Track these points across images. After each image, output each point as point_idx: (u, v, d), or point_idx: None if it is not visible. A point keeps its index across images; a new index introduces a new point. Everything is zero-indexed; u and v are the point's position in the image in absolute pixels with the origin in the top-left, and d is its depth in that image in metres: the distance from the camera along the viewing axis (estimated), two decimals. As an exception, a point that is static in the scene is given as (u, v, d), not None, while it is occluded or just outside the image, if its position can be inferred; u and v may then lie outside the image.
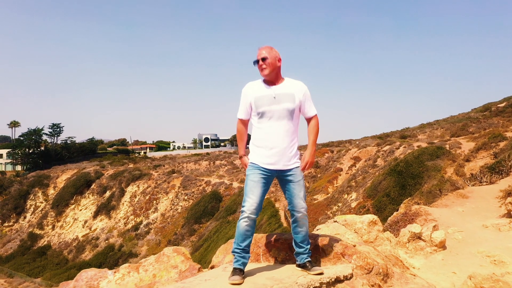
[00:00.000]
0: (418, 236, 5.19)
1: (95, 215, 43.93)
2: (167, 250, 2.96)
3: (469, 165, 15.19)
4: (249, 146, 3.07)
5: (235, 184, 38.08)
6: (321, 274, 2.66)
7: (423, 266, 4.65)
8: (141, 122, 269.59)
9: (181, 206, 39.19)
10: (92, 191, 47.45)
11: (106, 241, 39.19)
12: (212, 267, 3.13)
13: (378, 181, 21.72)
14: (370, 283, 2.56)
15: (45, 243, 43.66)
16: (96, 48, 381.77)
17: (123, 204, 43.85)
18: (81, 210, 46.22)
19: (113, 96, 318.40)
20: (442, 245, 5.14)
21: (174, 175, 45.35)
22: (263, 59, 2.87)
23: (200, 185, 40.56)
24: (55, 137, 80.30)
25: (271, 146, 2.83)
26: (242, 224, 2.76)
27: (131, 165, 57.44)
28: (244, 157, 3.04)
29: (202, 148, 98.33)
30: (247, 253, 2.79)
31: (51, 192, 52.01)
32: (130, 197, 44.13)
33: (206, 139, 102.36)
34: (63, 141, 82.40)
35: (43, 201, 50.72)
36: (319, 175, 33.68)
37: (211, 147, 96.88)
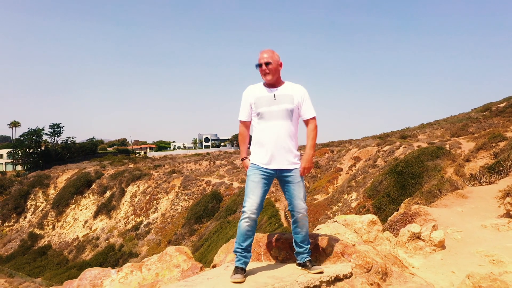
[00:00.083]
0: (418, 236, 5.22)
1: (96, 215, 43.92)
2: (170, 250, 3.01)
3: (469, 165, 15.17)
4: (250, 148, 3.10)
5: (235, 184, 38.07)
6: (321, 273, 2.71)
7: (422, 266, 4.68)
8: (141, 122, 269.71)
9: (181, 206, 39.20)
10: (93, 191, 47.45)
11: (107, 241, 39.18)
12: (214, 266, 3.18)
13: (378, 181, 21.74)
14: (369, 282, 2.60)
15: (45, 243, 43.65)
16: (96, 48, 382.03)
17: (123, 204, 43.84)
18: (81, 210, 46.21)
19: (113, 96, 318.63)
20: (441, 244, 5.17)
21: (174, 175, 45.35)
22: (267, 64, 2.91)
23: (200, 185, 40.56)
24: (56, 137, 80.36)
25: (271, 145, 2.87)
26: (243, 224, 2.80)
27: (132, 165, 57.45)
28: (246, 159, 3.07)
29: (202, 148, 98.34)
30: (249, 252, 2.82)
31: (52, 192, 52.02)
32: (130, 197, 44.12)
33: (206, 139, 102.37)
34: (63, 141, 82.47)
35: (44, 201, 50.73)
36: (319, 175, 33.69)
37: (211, 147, 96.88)
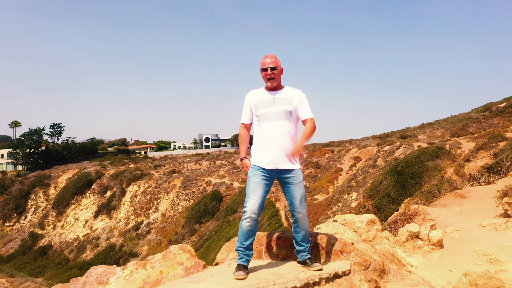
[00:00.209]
0: (416, 235, 5.29)
1: (96, 215, 43.99)
2: (173, 248, 3.09)
3: (469, 165, 15.19)
4: (251, 149, 3.20)
5: (236, 184, 38.13)
6: (320, 270, 2.79)
7: (420, 265, 4.75)
8: (142, 122, 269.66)
9: (181, 206, 39.26)
10: (93, 191, 47.52)
11: (107, 241, 39.25)
12: (217, 264, 3.25)
13: (378, 181, 21.78)
14: (367, 279, 2.68)
15: (46, 243, 43.73)
16: (96, 48, 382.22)
17: (123, 204, 43.91)
18: (82, 210, 46.29)
19: (114, 96, 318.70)
20: (440, 244, 5.23)
21: (174, 175, 45.43)
22: (272, 69, 3.04)
23: (200, 185, 40.62)
24: (56, 137, 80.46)
25: (271, 146, 2.97)
26: (245, 224, 2.88)
27: (132, 165, 57.52)
28: (245, 159, 3.17)
29: (202, 148, 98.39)
30: (250, 250, 2.91)
31: (52, 192, 52.10)
32: (131, 197, 44.19)
33: (207, 139, 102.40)
34: (64, 141, 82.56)
35: (44, 201, 50.81)
36: (319, 175, 33.75)
37: (211, 147, 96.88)
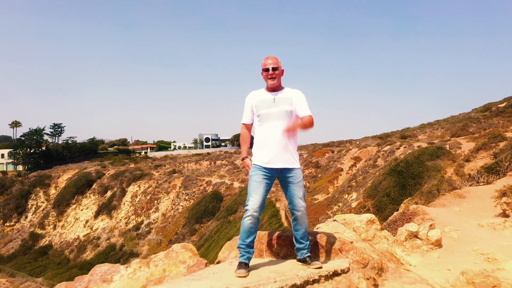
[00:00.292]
0: (415, 235, 5.34)
1: (96, 215, 44.05)
2: (176, 247, 3.15)
3: (469, 165, 15.24)
4: (252, 149, 3.28)
5: (236, 184, 38.18)
6: (320, 268, 2.86)
7: (419, 264, 4.80)
8: (142, 122, 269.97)
9: (182, 206, 39.32)
10: (93, 191, 47.59)
11: (107, 241, 39.31)
12: (218, 262, 3.32)
13: (378, 181, 21.82)
14: (366, 277, 2.75)
15: (46, 242, 43.80)
16: (96, 48, 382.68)
17: (124, 204, 43.97)
18: (82, 210, 46.35)
19: (114, 96, 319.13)
20: (438, 243, 5.29)
21: (175, 175, 45.48)
22: (274, 69, 3.13)
23: (201, 185, 40.68)
24: (56, 137, 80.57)
25: (272, 146, 3.05)
26: (247, 222, 2.96)
27: (132, 165, 57.58)
28: (246, 159, 3.26)
29: (202, 148, 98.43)
30: (252, 248, 2.99)
31: (53, 192, 52.17)
32: (131, 197, 44.25)
33: (207, 139, 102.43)
34: (64, 141, 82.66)
35: (45, 201, 50.88)
36: (319, 175, 33.80)
37: (211, 147, 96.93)
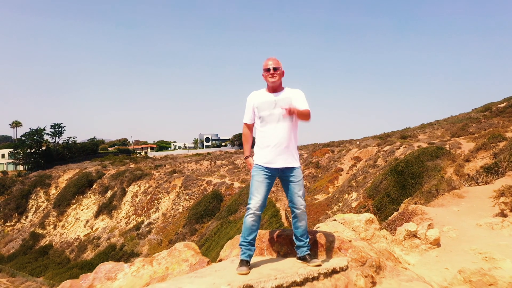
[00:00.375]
0: (414, 234, 5.40)
1: (97, 215, 44.13)
2: (178, 245, 3.23)
3: (469, 165, 15.29)
4: (254, 149, 3.37)
5: (236, 184, 38.24)
6: (319, 266, 2.94)
7: (418, 263, 4.86)
8: (142, 122, 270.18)
9: (182, 206, 39.38)
10: (94, 191, 47.67)
11: (108, 241, 39.38)
12: (220, 260, 3.40)
13: (378, 181, 21.85)
14: (364, 274, 2.81)
15: (47, 242, 43.89)
16: (97, 48, 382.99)
17: (124, 203, 44.05)
18: (82, 209, 46.43)
19: (114, 96, 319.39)
20: (437, 242, 5.35)
21: (175, 175, 45.56)
22: (275, 69, 3.21)
23: (201, 185, 40.74)
24: (57, 137, 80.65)
25: (273, 146, 3.15)
26: (249, 220, 3.06)
27: (133, 165, 57.66)
28: (249, 158, 3.36)
29: (203, 148, 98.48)
30: (253, 246, 3.08)
31: (53, 192, 52.27)
32: (131, 197, 44.32)
33: (207, 139, 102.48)
34: (64, 141, 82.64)
35: (45, 201, 50.98)
36: (319, 175, 33.85)
37: (212, 147, 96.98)
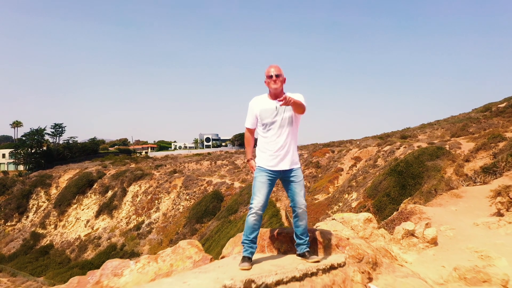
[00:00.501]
0: (412, 233, 5.51)
1: (97, 215, 44.24)
2: (182, 243, 3.34)
3: (468, 165, 15.37)
4: (256, 151, 3.51)
5: (237, 184, 38.33)
6: (317, 262, 3.07)
7: (415, 261, 4.97)
8: (143, 122, 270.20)
9: (182, 205, 39.48)
10: (94, 191, 47.79)
11: (108, 241, 39.49)
12: (223, 257, 3.52)
13: (378, 181, 21.92)
14: (361, 270, 2.93)
15: (47, 242, 44.00)
16: (97, 48, 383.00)
17: (125, 203, 44.15)
18: (83, 209, 46.55)
19: (115, 96, 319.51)
20: (434, 241, 5.45)
21: (175, 175, 45.67)
22: (277, 76, 3.32)
23: (201, 185, 40.84)
24: (57, 137, 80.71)
25: (274, 150, 3.31)
26: (251, 219, 3.20)
27: (133, 165, 57.77)
28: (251, 160, 3.51)
29: (203, 148, 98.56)
30: (255, 243, 3.21)
31: (54, 191, 52.39)
32: (132, 197, 44.43)
33: (208, 139, 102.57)
34: (65, 141, 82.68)
35: (46, 201, 51.10)
36: (320, 175, 33.95)
37: (212, 147, 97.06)
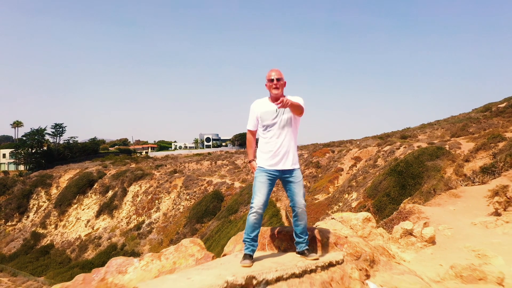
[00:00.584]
0: (410, 233, 5.59)
1: (98, 215, 44.32)
2: (185, 241, 3.43)
3: (468, 165, 15.42)
4: (256, 152, 3.61)
5: (237, 184, 38.39)
6: (316, 259, 3.16)
7: (413, 259, 5.05)
8: (143, 122, 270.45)
9: (183, 205, 39.55)
10: (95, 191, 47.87)
11: (109, 241, 39.55)
12: (224, 255, 3.60)
13: (378, 181, 21.97)
14: (358, 268, 3.01)
15: (48, 242, 44.08)
16: (98, 48, 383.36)
17: (125, 203, 44.23)
18: (83, 209, 46.63)
19: (115, 96, 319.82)
20: (432, 240, 5.54)
21: (176, 175, 45.74)
22: (278, 80, 3.42)
23: (201, 185, 40.90)
24: (58, 137, 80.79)
25: (274, 151, 3.42)
26: (251, 218, 3.29)
27: (133, 165, 57.84)
28: (252, 161, 3.63)
29: (203, 148, 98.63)
30: (256, 241, 3.30)
31: (54, 191, 52.49)
32: (132, 197, 44.50)
33: (208, 139, 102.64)
34: (65, 141, 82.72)
35: (46, 201, 51.19)
36: (320, 175, 34.01)
37: (212, 147, 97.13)
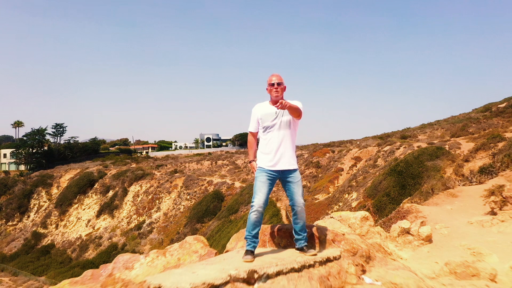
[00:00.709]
0: (407, 231, 5.72)
1: (98, 215, 44.45)
2: (189, 239, 3.57)
3: (468, 165, 15.53)
4: (257, 153, 3.76)
5: (237, 184, 38.49)
6: (315, 255, 3.30)
7: (410, 257, 5.18)
8: (143, 122, 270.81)
9: (183, 205, 39.65)
10: (95, 191, 48.01)
11: (109, 240, 39.67)
12: (227, 252, 3.73)
13: (378, 181, 22.04)
14: (355, 263, 3.15)
15: (48, 242, 44.22)
16: (97, 48, 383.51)
17: (126, 203, 44.35)
18: (84, 209, 46.77)
19: (115, 96, 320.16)
20: (429, 239, 5.67)
21: (176, 174, 45.87)
22: (278, 84, 3.58)
23: (202, 185, 41.00)
24: (58, 137, 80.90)
25: (274, 152, 3.58)
26: (252, 216, 3.44)
27: (134, 165, 57.97)
28: (253, 162, 3.79)
29: (204, 148, 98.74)
30: (257, 238, 3.45)
31: (55, 191, 52.64)
32: (133, 197, 44.62)
33: (208, 139, 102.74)
34: (66, 141, 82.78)
35: (47, 201, 51.34)
36: (320, 175, 34.12)
37: (213, 147, 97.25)
